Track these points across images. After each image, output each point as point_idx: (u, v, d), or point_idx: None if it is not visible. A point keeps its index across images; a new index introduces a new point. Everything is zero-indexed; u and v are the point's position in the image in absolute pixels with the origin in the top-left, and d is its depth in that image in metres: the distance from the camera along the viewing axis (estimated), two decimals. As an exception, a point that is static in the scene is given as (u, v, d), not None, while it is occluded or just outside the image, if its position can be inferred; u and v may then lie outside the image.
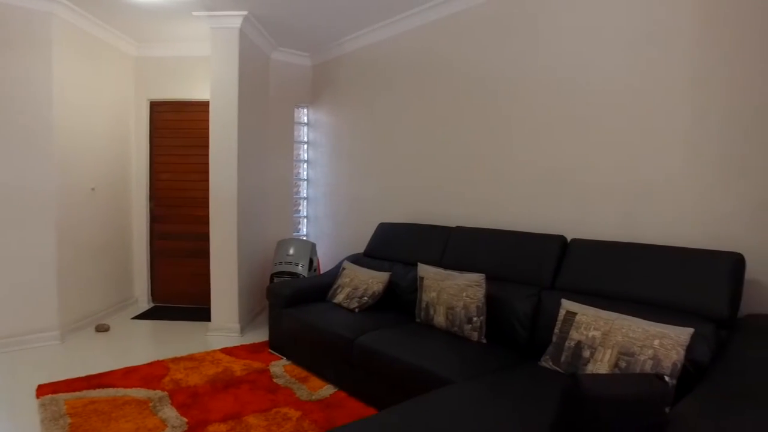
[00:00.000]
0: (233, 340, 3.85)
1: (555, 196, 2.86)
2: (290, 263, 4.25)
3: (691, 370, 1.86)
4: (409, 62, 3.89)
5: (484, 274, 2.56)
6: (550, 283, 2.51)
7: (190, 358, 3.38)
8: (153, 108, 4.83)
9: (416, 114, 3.84)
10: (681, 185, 2.37)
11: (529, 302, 2.45)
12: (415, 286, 3.08)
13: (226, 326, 3.98)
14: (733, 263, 1.99)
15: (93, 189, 4.17)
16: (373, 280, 3.23)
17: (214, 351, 3.53)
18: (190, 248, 4.85)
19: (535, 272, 2.55)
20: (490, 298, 2.59)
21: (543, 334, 2.35)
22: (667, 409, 1.51)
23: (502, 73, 3.18)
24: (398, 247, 3.47)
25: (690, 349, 1.84)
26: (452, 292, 2.62)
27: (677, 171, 2.38)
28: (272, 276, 4.25)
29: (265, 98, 4.73)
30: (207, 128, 4.09)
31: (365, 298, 3.15)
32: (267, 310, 3.84)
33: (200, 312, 4.60)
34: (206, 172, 4.10)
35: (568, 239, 2.61)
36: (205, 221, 4.53)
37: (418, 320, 2.88)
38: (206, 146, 4.09)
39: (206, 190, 4.12)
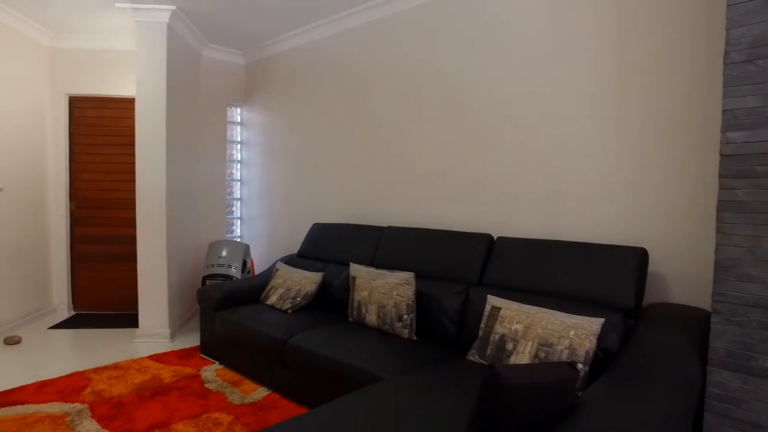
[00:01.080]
0: (163, 346, 3.71)
1: (483, 197, 3.00)
2: (223, 265, 4.15)
3: (602, 357, 2.02)
4: (343, 63, 3.92)
5: (413, 273, 2.64)
6: (477, 280, 2.62)
7: (115, 367, 3.22)
8: (73, 104, 4.54)
9: (350, 115, 3.88)
10: (595, 187, 2.56)
11: (457, 299, 2.55)
12: (347, 285, 3.11)
13: (155, 332, 3.83)
14: (638, 257, 2.18)
15: (0, 189, 3.86)
16: (306, 280, 3.23)
17: (142, 358, 3.39)
18: (115, 252, 4.61)
19: (463, 270, 2.66)
20: (420, 296, 2.67)
21: (471, 329, 2.45)
22: (579, 393, 1.64)
23: (432, 77, 3.28)
24: (331, 247, 3.49)
25: (601, 337, 2.00)
26: (383, 290, 2.68)
27: (592, 174, 2.57)
28: (204, 279, 4.13)
29: (197, 96, 4.59)
30: (134, 126, 3.91)
31: (298, 298, 3.14)
32: (199, 313, 3.73)
33: (127, 318, 4.39)
34: (133, 172, 3.92)
35: (495, 238, 2.74)
36: (131, 223, 4.33)
37: (350, 319, 2.92)
38: (133, 145, 3.91)
39: (133, 190, 3.95)
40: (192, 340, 3.86)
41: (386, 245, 3.11)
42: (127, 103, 4.45)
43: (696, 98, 2.27)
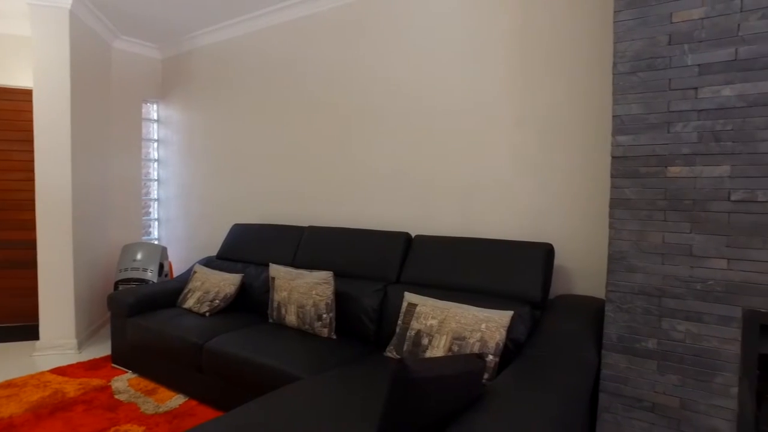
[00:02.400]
0: (68, 357, 3.45)
1: (402, 196, 3.07)
2: (137, 269, 3.93)
3: (512, 348, 2.14)
4: (264, 61, 3.85)
5: (332, 272, 2.65)
6: (396, 278, 2.68)
7: (8, 384, 2.95)
8: (-40, 94, 4.10)
9: (270, 114, 3.82)
10: (505, 186, 2.70)
11: (376, 297, 2.59)
12: (267, 286, 3.06)
13: (60, 343, 3.55)
14: (545, 253, 2.33)
15: None
16: (225, 282, 3.14)
17: (42, 373, 3.13)
18: (12, 257, 4.22)
19: (382, 268, 2.71)
20: (339, 295, 2.68)
21: (389, 326, 2.50)
22: (488, 383, 1.72)
23: (352, 77, 3.30)
24: (252, 248, 3.42)
25: (510, 329, 2.11)
26: (302, 290, 2.66)
27: (503, 173, 2.71)
28: (117, 284, 3.89)
29: (107, 90, 4.31)
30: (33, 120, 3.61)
31: (217, 301, 3.05)
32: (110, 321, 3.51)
33: (26, 330, 4.03)
34: (33, 170, 3.62)
35: (413, 236, 2.81)
36: (32, 226, 3.99)
37: (270, 320, 2.87)
38: (33, 141, 3.61)
39: (33, 190, 3.64)
40: (102, 349, 3.63)
41: (307, 245, 3.09)
42: (27, 95, 4.09)
43: (592, 104, 2.45)
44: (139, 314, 3.09)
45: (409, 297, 2.31)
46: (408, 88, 3.04)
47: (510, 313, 2.05)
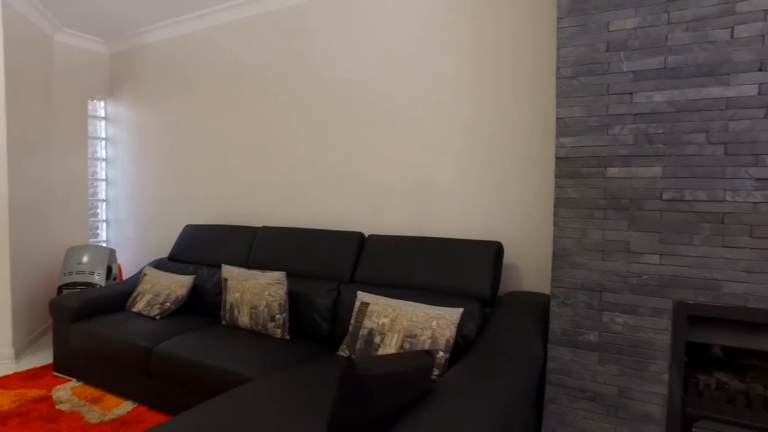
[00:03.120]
0: (5, 368, 3.26)
1: (356, 196, 3.08)
2: (83, 272, 3.78)
3: (462, 344, 2.19)
4: (217, 60, 3.78)
5: (285, 272, 2.64)
6: (349, 277, 2.69)
7: (-65, 398, 2.76)
8: None
9: (223, 114, 3.75)
10: (457, 186, 2.76)
11: (329, 296, 2.59)
12: (220, 288, 3.01)
13: (-4, 352, 3.36)
14: (494, 251, 2.39)
15: None
16: (177, 284, 3.06)
17: (-27, 385, 2.96)
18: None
19: (335, 268, 2.71)
20: (293, 295, 2.67)
21: (342, 326, 2.51)
22: (438, 379, 1.75)
23: (307, 77, 3.29)
24: (204, 249, 3.35)
25: (461, 326, 2.16)
26: (255, 291, 2.64)
27: (455, 174, 2.77)
28: (60, 288, 3.73)
29: (49, 86, 4.11)
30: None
31: (168, 303, 2.97)
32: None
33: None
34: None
35: (366, 235, 2.83)
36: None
37: (223, 322, 2.82)
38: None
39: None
40: (43, 358, 3.46)
41: (260, 245, 3.06)
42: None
43: (538, 107, 2.55)
44: (85, 319, 2.97)
45: (362, 296, 2.32)
46: (361, 90, 3.06)
47: (460, 310, 2.10)
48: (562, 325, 2.01)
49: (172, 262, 3.48)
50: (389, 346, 2.13)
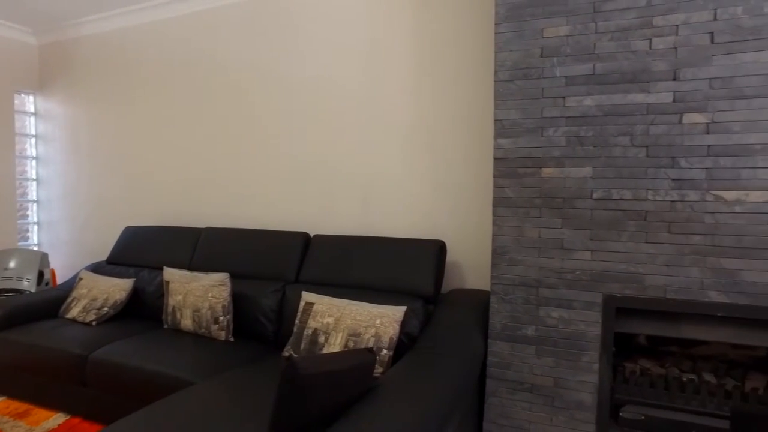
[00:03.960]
0: None
1: (302, 196, 3.07)
2: (11, 278, 3.55)
3: (406, 341, 2.22)
4: (161, 54, 3.65)
5: (228, 273, 2.59)
6: (294, 278, 2.68)
7: None
8: None
9: (167, 111, 3.63)
10: (402, 185, 2.80)
11: (274, 297, 2.57)
12: (162, 291, 2.92)
13: None
14: (437, 249, 2.45)
15: None
16: (115, 288, 2.94)
17: None
18: None
19: (281, 268, 2.70)
20: (237, 297, 2.63)
21: (288, 326, 2.49)
22: (381, 376, 1.78)
23: (253, 75, 3.25)
24: (146, 251, 3.23)
25: (404, 323, 2.20)
26: (198, 293, 2.58)
27: (400, 174, 2.81)
28: (-16, 296, 3.49)
29: (-30, 78, 3.84)
30: None
31: (105, 308, 2.84)
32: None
33: None
34: None
35: (311, 235, 2.83)
36: None
37: (165, 326, 2.74)
38: None
39: None
40: (-34, 369, 3.22)
41: (204, 247, 2.99)
42: None
43: (478, 109, 2.62)
44: (11, 328, 2.79)
45: (307, 296, 2.32)
46: (309, 89, 3.05)
47: (403, 308, 2.14)
48: (502, 321, 2.09)
49: (110, 266, 3.34)
50: (333, 346, 2.13)
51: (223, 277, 2.57)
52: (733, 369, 1.97)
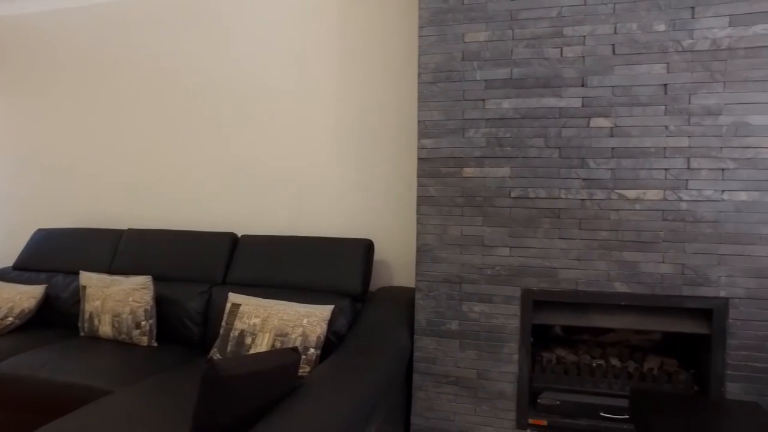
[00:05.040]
0: None
1: (230, 196, 2.99)
2: None
3: (333, 340, 2.23)
4: (77, 45, 3.43)
5: (150, 276, 2.49)
6: (222, 279, 2.61)
7: None
8: None
9: (84, 106, 3.42)
10: (330, 185, 2.80)
11: (200, 299, 2.50)
12: (78, 297, 2.75)
13: None
14: (364, 248, 2.47)
15: None
16: (22, 296, 2.73)
17: None
18: None
19: (207, 269, 2.62)
20: (161, 300, 2.53)
21: (215, 329, 2.43)
22: (307, 375, 1.78)
23: (177, 72, 3.12)
24: (60, 255, 3.03)
25: (332, 322, 2.21)
26: (118, 298, 2.45)
27: (328, 174, 2.80)
28: None
29: None
30: None
31: (10, 318, 2.63)
32: None
33: None
34: None
35: (240, 236, 2.77)
36: None
37: (82, 333, 2.58)
38: None
39: None
40: None
41: (126, 249, 2.85)
42: None
43: (404, 110, 2.67)
44: None
45: (233, 297, 2.27)
46: (237, 88, 2.98)
47: (330, 307, 2.15)
48: (427, 316, 2.14)
49: (18, 272, 3.09)
50: (260, 347, 2.11)
51: (145, 280, 2.46)
52: (635, 353, 2.14)
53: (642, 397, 1.73)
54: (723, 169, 1.83)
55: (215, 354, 2.20)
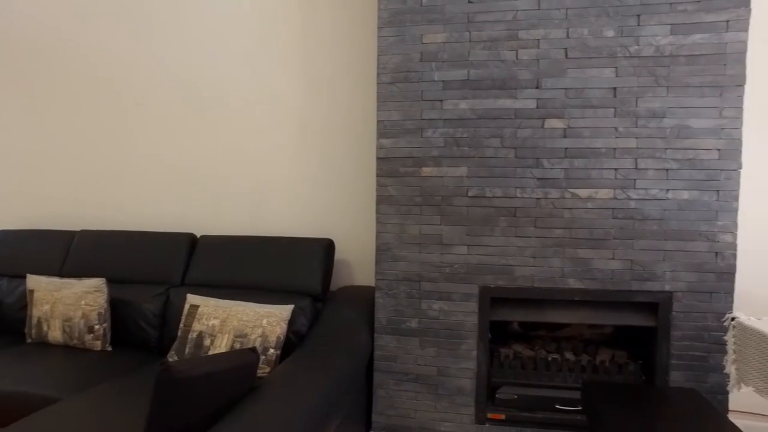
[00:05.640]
0: None
1: (189, 196, 2.93)
2: None
3: (294, 340, 2.22)
4: (21, 33, 3.28)
5: (104, 278, 2.41)
6: (180, 280, 2.55)
7: None
8: None
9: (33, 101, 3.27)
10: (291, 185, 2.78)
11: (157, 301, 2.44)
12: (25, 301, 2.64)
13: None
14: (325, 247, 2.46)
15: None
16: (-35, 301, 2.61)
17: None
18: None
19: (164, 271, 2.56)
20: (116, 303, 2.46)
21: (172, 331, 2.38)
22: (265, 374, 1.76)
23: (134, 66, 3.03)
24: (6, 258, 2.89)
25: (292, 322, 2.19)
26: (69, 302, 2.37)
27: (288, 173, 2.78)
28: None
29: None
30: None
31: (-49, 325, 2.51)
32: None
33: None
34: None
35: (198, 236, 2.72)
36: None
37: (29, 340, 2.48)
38: None
39: None
40: None
41: (78, 251, 2.74)
42: None
43: (364, 110, 2.67)
44: None
45: (192, 299, 2.23)
46: (196, 85, 2.91)
47: (290, 307, 2.14)
48: (387, 315, 2.16)
49: (-40, 276, 2.94)
50: (219, 348, 2.08)
51: (98, 282, 2.38)
52: (588, 346, 2.22)
53: (593, 388, 1.80)
54: (667, 170, 1.92)
55: (173, 356, 2.16)
